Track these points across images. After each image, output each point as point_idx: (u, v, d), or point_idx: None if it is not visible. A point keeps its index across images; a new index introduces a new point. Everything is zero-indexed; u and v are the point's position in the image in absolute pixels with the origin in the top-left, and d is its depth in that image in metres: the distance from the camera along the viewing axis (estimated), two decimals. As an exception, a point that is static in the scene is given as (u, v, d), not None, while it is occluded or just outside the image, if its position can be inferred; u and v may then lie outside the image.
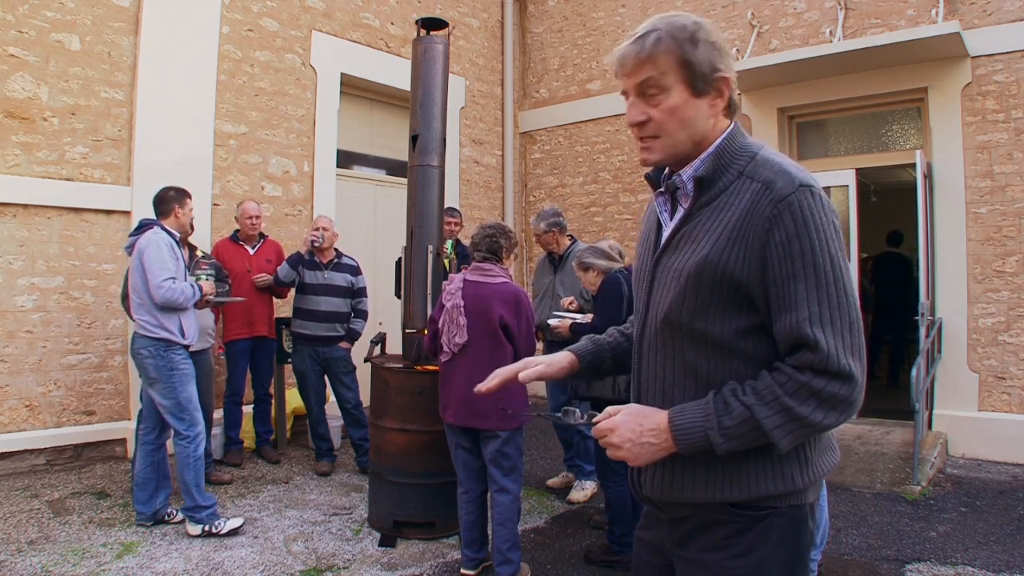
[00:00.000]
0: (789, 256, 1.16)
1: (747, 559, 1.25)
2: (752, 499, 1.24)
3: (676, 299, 1.25)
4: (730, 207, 1.22)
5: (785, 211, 1.16)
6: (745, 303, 1.22)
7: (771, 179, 1.20)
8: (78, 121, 4.83)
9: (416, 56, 4.10)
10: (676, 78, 1.23)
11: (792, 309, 1.17)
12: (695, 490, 1.27)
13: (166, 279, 3.58)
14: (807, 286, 1.16)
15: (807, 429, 1.18)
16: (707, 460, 1.24)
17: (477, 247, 3.35)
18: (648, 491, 1.35)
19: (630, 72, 1.26)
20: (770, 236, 1.17)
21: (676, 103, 1.24)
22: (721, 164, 1.26)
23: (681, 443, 1.21)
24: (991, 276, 5.31)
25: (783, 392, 1.16)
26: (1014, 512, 4.15)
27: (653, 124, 1.26)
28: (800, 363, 1.17)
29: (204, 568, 3.31)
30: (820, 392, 1.15)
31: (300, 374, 5.00)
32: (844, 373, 1.15)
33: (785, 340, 1.19)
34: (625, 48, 1.26)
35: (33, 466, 4.63)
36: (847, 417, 1.19)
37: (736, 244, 1.19)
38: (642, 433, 1.22)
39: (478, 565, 3.27)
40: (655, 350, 1.32)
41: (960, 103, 5.42)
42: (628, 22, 7.35)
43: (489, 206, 7.95)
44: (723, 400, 1.20)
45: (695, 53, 1.22)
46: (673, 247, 1.30)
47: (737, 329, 1.23)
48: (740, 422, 1.17)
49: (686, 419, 1.21)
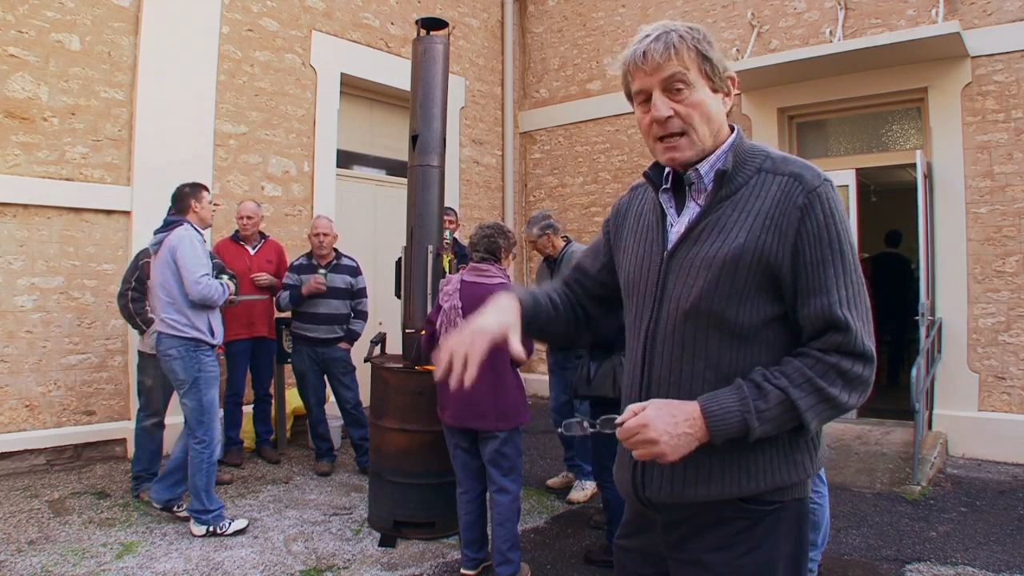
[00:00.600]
0: (819, 242, 1.22)
1: (757, 555, 1.26)
2: (766, 490, 1.26)
3: (708, 287, 1.26)
4: (756, 199, 1.27)
5: (816, 201, 1.23)
6: (774, 290, 1.25)
7: (799, 172, 1.26)
8: (78, 121, 4.83)
9: (416, 56, 4.10)
10: (698, 74, 1.27)
11: (823, 292, 1.22)
12: (711, 485, 1.26)
13: (203, 275, 3.56)
14: (836, 271, 1.22)
15: (834, 410, 1.23)
16: (721, 453, 1.25)
17: (475, 247, 3.34)
18: (654, 492, 1.32)
19: (656, 68, 1.26)
20: (802, 224, 1.22)
21: (701, 98, 1.28)
22: (739, 159, 1.30)
23: (716, 430, 1.20)
24: (991, 276, 5.31)
25: (814, 374, 1.20)
26: (1014, 512, 4.15)
27: (678, 120, 1.28)
28: (827, 345, 1.22)
29: (204, 568, 3.31)
30: (847, 373, 1.21)
31: (300, 374, 5.01)
32: (868, 354, 1.22)
33: (814, 322, 1.23)
34: (647, 45, 1.27)
35: (33, 466, 4.63)
36: (864, 398, 1.25)
37: (770, 231, 1.23)
38: (677, 424, 1.20)
39: (478, 565, 3.27)
40: (672, 344, 1.30)
41: (960, 103, 5.42)
42: (628, 22, 7.36)
43: (489, 206, 7.95)
44: (755, 385, 1.21)
45: (711, 51, 1.28)
46: (693, 239, 1.30)
47: (764, 317, 1.26)
48: (775, 404, 1.19)
49: (720, 406, 1.20)
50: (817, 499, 3.09)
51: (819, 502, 3.09)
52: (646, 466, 1.33)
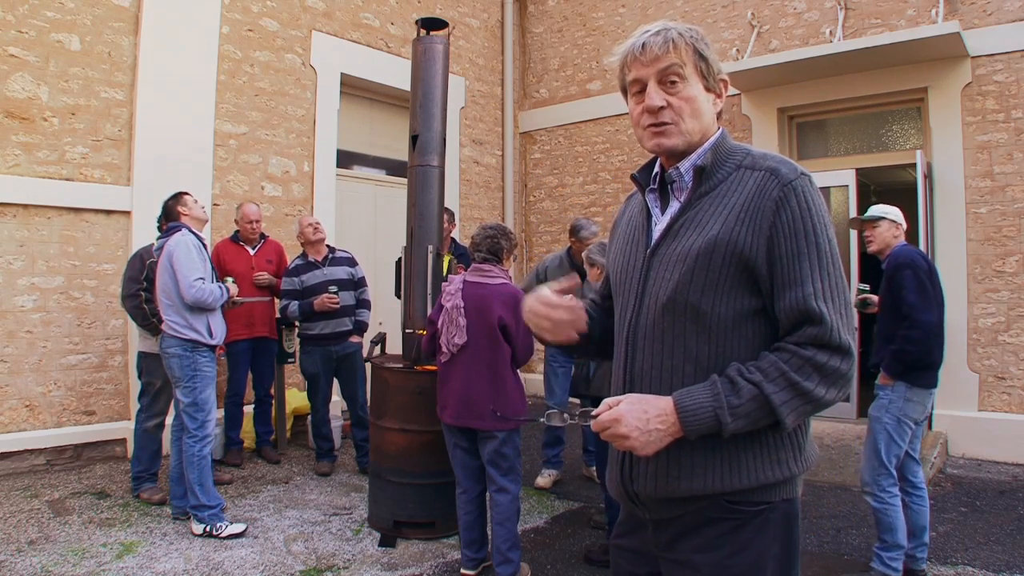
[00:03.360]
0: (794, 235, 1.23)
1: (745, 556, 1.26)
2: (750, 487, 1.26)
3: (683, 278, 1.27)
4: (733, 193, 1.28)
5: (791, 193, 1.24)
6: (750, 283, 1.26)
7: (775, 167, 1.28)
8: (78, 121, 4.83)
9: (416, 56, 4.10)
10: (693, 70, 1.30)
11: (798, 285, 1.22)
12: (693, 480, 1.27)
13: (197, 279, 3.69)
14: (811, 263, 1.22)
15: (810, 405, 1.22)
16: (705, 448, 1.26)
17: (478, 247, 3.34)
18: (641, 486, 1.33)
19: (654, 59, 1.30)
20: (776, 216, 1.23)
21: (694, 93, 1.31)
22: (719, 157, 1.33)
23: (689, 426, 1.21)
24: (991, 276, 5.31)
25: (788, 368, 1.20)
26: (1014, 512, 4.15)
27: (670, 111, 1.30)
28: (803, 339, 1.22)
29: (204, 568, 3.31)
30: (823, 367, 1.20)
31: (311, 376, 4.93)
32: (845, 347, 1.22)
33: (790, 315, 1.24)
34: (646, 38, 1.31)
35: (33, 466, 4.63)
36: (844, 394, 1.25)
37: (745, 223, 1.25)
38: (649, 420, 1.21)
39: (478, 565, 3.27)
40: (652, 338, 1.32)
41: (960, 103, 5.42)
42: (628, 22, 7.36)
43: (489, 206, 7.95)
44: (729, 380, 1.22)
45: (708, 52, 1.32)
46: (672, 235, 1.33)
47: (741, 310, 1.26)
48: (748, 399, 1.20)
49: (694, 401, 1.21)
50: (888, 498, 3.06)
51: (890, 502, 3.07)
52: (633, 460, 1.34)
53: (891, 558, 3.09)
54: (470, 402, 3.14)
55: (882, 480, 3.10)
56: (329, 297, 4.72)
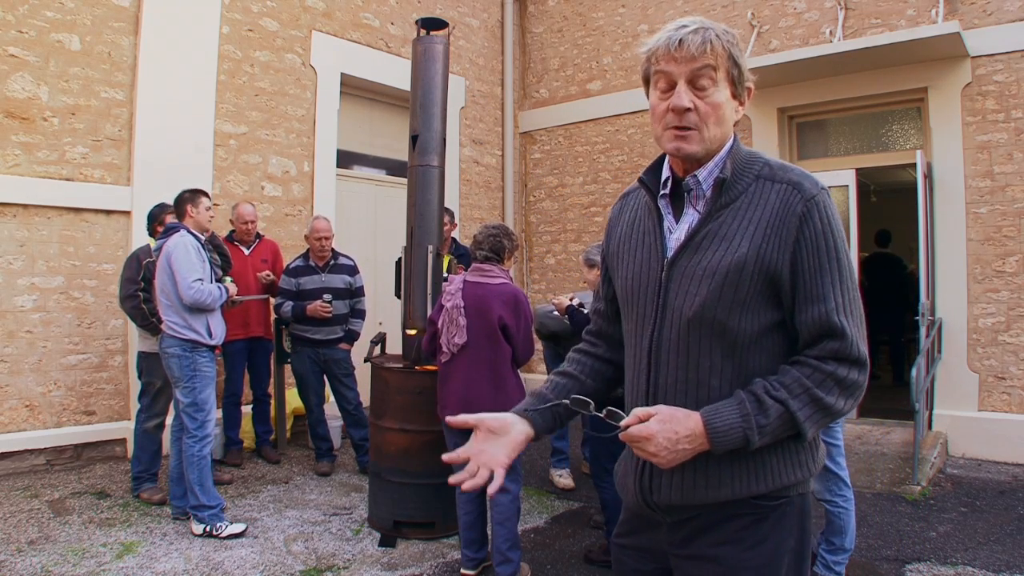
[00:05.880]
0: (816, 250, 1.24)
1: (762, 549, 1.28)
2: (774, 490, 1.28)
3: (711, 295, 1.26)
4: (755, 207, 1.27)
5: (814, 209, 1.24)
6: (774, 298, 1.27)
7: (798, 181, 1.27)
8: (78, 121, 4.83)
9: (416, 56, 4.10)
10: (724, 75, 1.27)
11: (821, 299, 1.23)
12: (721, 489, 1.28)
13: (195, 280, 3.70)
14: (832, 278, 1.24)
15: (829, 416, 1.25)
16: (732, 458, 1.26)
17: (480, 246, 3.35)
18: (663, 497, 1.33)
19: (689, 58, 1.24)
20: (800, 232, 1.24)
21: (721, 99, 1.27)
22: (737, 167, 1.30)
23: (718, 446, 1.22)
24: (991, 276, 5.31)
25: (811, 383, 1.22)
26: (1014, 512, 4.15)
27: (695, 115, 1.26)
28: (823, 353, 1.24)
29: (204, 568, 3.31)
30: (843, 380, 1.23)
31: (300, 375, 5.01)
32: (863, 360, 1.25)
33: (811, 329, 1.25)
34: (684, 34, 1.24)
35: (33, 466, 4.63)
36: (857, 402, 1.28)
37: (771, 240, 1.24)
38: (678, 440, 1.22)
39: (478, 565, 3.27)
40: (676, 352, 1.31)
41: (960, 103, 5.42)
42: (628, 22, 7.36)
43: (489, 206, 7.95)
44: (756, 398, 1.23)
45: (742, 58, 1.29)
46: (694, 248, 1.30)
47: (765, 324, 1.27)
48: (775, 417, 1.22)
49: (723, 421, 1.22)
50: (843, 503, 3.06)
51: (844, 506, 3.06)
52: (653, 473, 1.34)
53: (836, 562, 3.09)
54: (470, 402, 3.13)
55: (832, 485, 3.09)
56: (322, 305, 4.74)
